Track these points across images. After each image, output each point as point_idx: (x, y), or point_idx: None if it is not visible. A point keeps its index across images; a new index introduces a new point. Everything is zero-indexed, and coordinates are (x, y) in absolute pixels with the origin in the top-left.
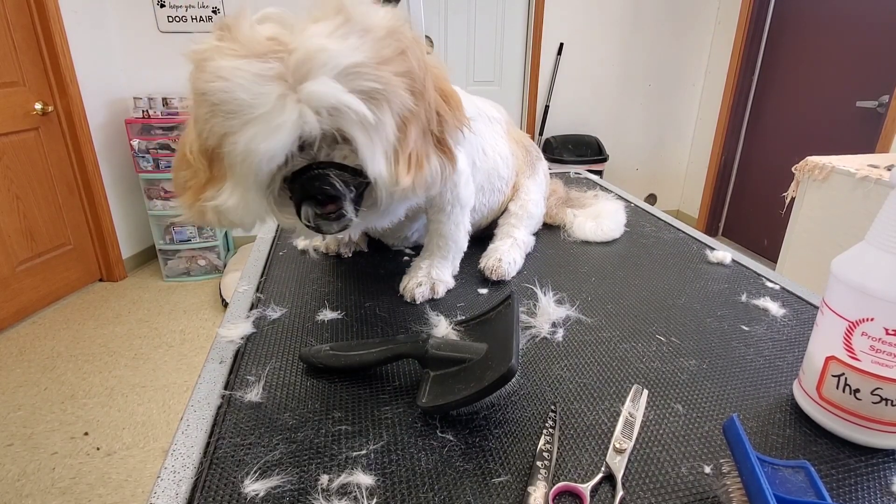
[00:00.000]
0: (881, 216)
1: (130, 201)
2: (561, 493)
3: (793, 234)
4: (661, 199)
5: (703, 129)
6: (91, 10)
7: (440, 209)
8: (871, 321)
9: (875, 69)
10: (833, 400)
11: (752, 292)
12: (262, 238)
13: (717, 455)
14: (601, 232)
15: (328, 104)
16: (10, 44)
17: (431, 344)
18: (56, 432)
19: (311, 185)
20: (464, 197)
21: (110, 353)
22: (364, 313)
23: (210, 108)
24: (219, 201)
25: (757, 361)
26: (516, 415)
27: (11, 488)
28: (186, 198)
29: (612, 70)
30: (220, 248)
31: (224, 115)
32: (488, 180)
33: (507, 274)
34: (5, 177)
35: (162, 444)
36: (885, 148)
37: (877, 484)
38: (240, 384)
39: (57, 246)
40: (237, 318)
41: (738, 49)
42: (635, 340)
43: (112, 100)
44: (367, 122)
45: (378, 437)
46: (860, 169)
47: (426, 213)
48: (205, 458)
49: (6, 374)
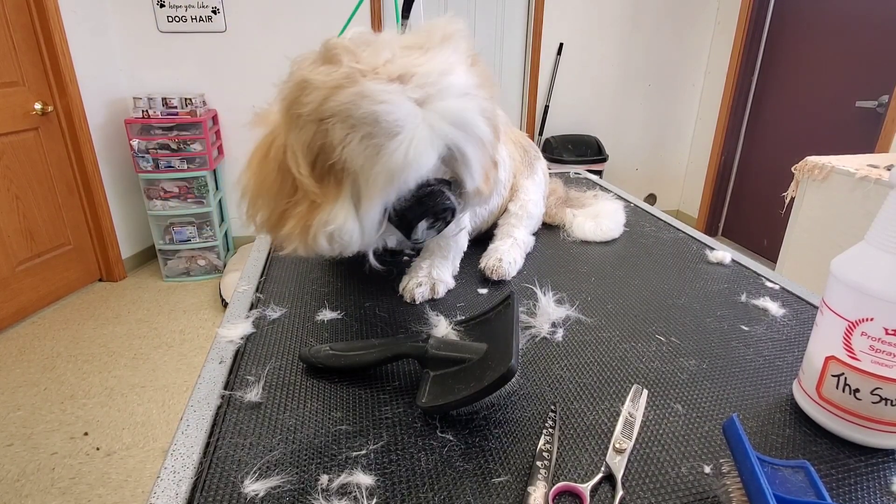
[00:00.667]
0: (881, 216)
1: (130, 201)
2: (561, 493)
3: (792, 234)
4: (660, 199)
5: (702, 129)
6: (91, 10)
7: None
8: (871, 321)
9: (875, 69)
10: (833, 400)
11: (752, 292)
12: (261, 238)
13: (717, 455)
14: (600, 231)
15: (461, 121)
16: (10, 44)
17: (431, 344)
18: (56, 432)
19: (434, 200)
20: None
21: (110, 354)
22: (364, 313)
23: (350, 129)
24: (336, 224)
25: (757, 361)
26: (516, 415)
27: (11, 488)
28: (292, 226)
29: (611, 70)
30: (219, 248)
31: (370, 135)
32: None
33: (508, 274)
34: (5, 177)
35: (162, 444)
36: (885, 148)
37: (877, 484)
38: (240, 384)
39: (56, 246)
40: (237, 318)
41: (737, 49)
42: (635, 340)
43: (112, 100)
44: (481, 139)
45: (378, 437)
46: (860, 169)
47: None
48: (205, 458)
49: (6, 374)
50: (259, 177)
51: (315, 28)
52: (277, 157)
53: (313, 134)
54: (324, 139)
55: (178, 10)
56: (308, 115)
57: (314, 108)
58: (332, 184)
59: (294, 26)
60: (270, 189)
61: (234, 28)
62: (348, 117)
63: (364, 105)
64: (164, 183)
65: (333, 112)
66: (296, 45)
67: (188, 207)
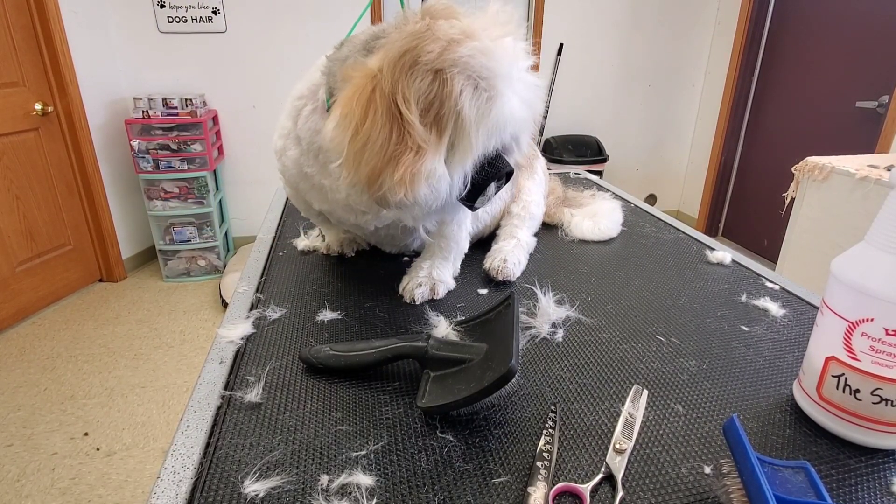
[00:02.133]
0: (881, 216)
1: (130, 201)
2: (561, 493)
3: (792, 234)
4: (660, 200)
5: (702, 129)
6: (91, 11)
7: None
8: (871, 321)
9: (875, 69)
10: (833, 400)
11: (752, 293)
12: (261, 238)
13: (717, 455)
14: (598, 231)
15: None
16: (10, 44)
17: (431, 344)
18: (56, 433)
19: (502, 162)
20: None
21: (110, 354)
22: (364, 313)
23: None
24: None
25: (757, 362)
26: (516, 415)
27: (11, 489)
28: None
29: (611, 70)
30: (219, 248)
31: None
32: None
33: (513, 274)
34: (5, 177)
35: (162, 445)
36: (885, 148)
37: (877, 484)
38: (240, 384)
39: (57, 246)
40: (237, 319)
41: (737, 49)
42: (635, 341)
43: (112, 100)
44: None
45: (378, 437)
46: (860, 169)
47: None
48: (205, 458)
49: (6, 374)
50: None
51: (315, 28)
52: (385, 105)
53: (430, 83)
54: (441, 88)
55: (179, 11)
56: (427, 64)
57: (434, 58)
58: (435, 134)
59: (294, 26)
60: (380, 137)
61: (234, 28)
62: (467, 68)
63: (482, 59)
64: (165, 183)
65: (454, 63)
66: (296, 46)
67: (188, 208)
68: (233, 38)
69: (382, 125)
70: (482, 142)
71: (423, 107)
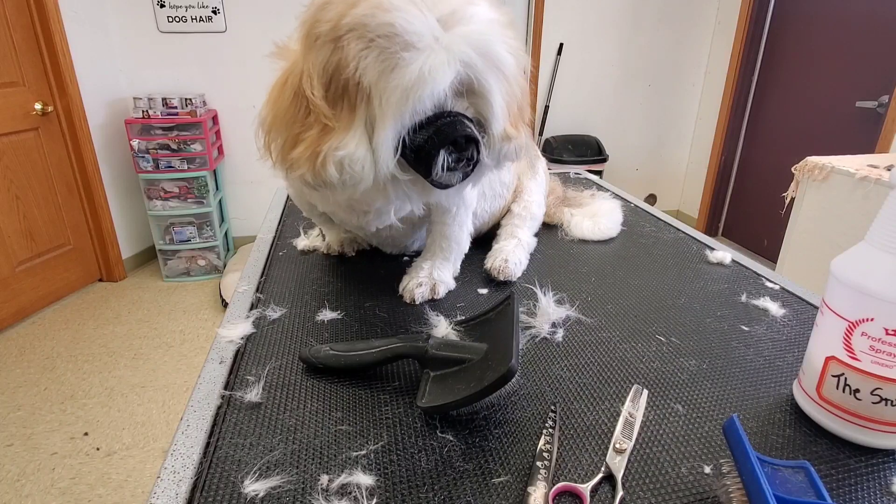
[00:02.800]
0: (881, 216)
1: (130, 201)
2: (561, 493)
3: (792, 234)
4: (660, 200)
5: (702, 129)
6: (91, 10)
7: (445, 210)
8: (871, 321)
9: (875, 69)
10: (833, 400)
11: (752, 292)
12: (261, 238)
13: (717, 455)
14: (598, 230)
15: (483, 46)
16: (10, 44)
17: (431, 344)
18: (56, 432)
19: (453, 128)
20: (469, 198)
21: (110, 354)
22: (364, 313)
23: (367, 43)
24: (347, 150)
25: (757, 361)
26: (516, 415)
27: (11, 488)
28: (302, 150)
29: (611, 70)
30: (219, 248)
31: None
32: (489, 185)
33: (514, 274)
34: (5, 177)
35: (162, 445)
36: (885, 148)
37: (877, 484)
38: (240, 384)
39: (56, 246)
40: (237, 318)
41: (737, 49)
42: (635, 340)
43: (112, 100)
44: (504, 72)
45: (378, 437)
46: (860, 169)
47: (430, 215)
48: (205, 458)
49: (6, 374)
50: (276, 106)
51: None
52: (293, 83)
53: (330, 53)
54: (339, 56)
55: (178, 11)
56: (325, 35)
57: (331, 27)
58: (346, 109)
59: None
60: (286, 116)
61: (234, 28)
62: (364, 29)
63: (380, 15)
64: (165, 183)
65: (351, 27)
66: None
67: (188, 207)
68: (233, 37)
69: (290, 105)
70: (395, 108)
71: (325, 80)
